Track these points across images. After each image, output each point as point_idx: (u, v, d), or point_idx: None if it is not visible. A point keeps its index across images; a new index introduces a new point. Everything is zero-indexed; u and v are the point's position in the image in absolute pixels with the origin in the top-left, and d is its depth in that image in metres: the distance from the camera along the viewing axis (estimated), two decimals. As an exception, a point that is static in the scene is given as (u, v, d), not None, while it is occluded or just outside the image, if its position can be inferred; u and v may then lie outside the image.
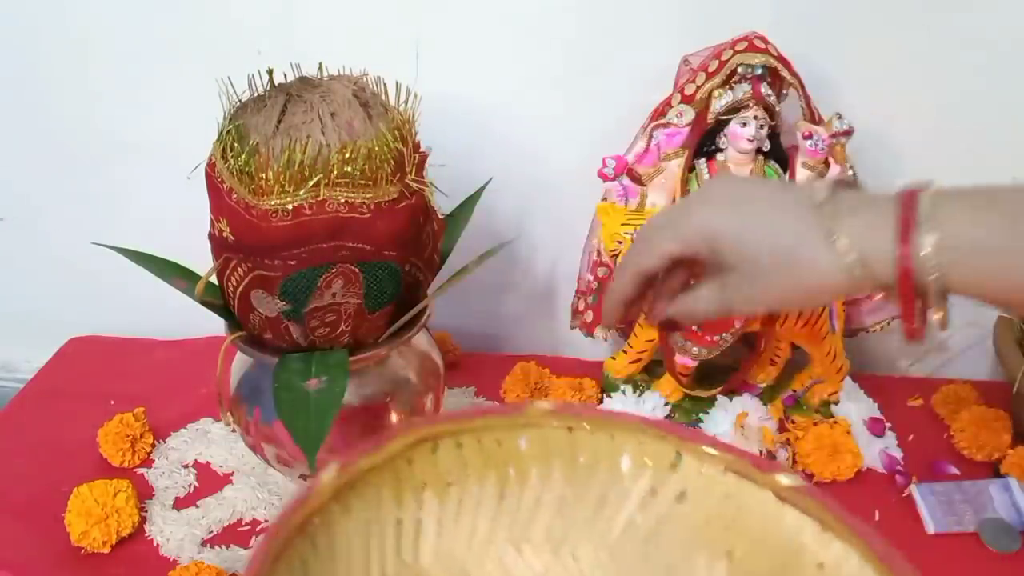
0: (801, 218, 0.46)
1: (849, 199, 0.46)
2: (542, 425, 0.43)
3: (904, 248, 0.43)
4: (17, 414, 0.82)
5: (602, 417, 0.44)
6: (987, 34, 0.73)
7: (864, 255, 0.44)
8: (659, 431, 0.42)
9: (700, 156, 0.69)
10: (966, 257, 0.43)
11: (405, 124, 0.58)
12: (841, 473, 0.70)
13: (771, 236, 0.47)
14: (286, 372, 0.59)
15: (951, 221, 0.43)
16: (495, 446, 0.43)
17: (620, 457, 0.43)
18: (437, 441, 0.42)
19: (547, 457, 0.44)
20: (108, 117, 0.85)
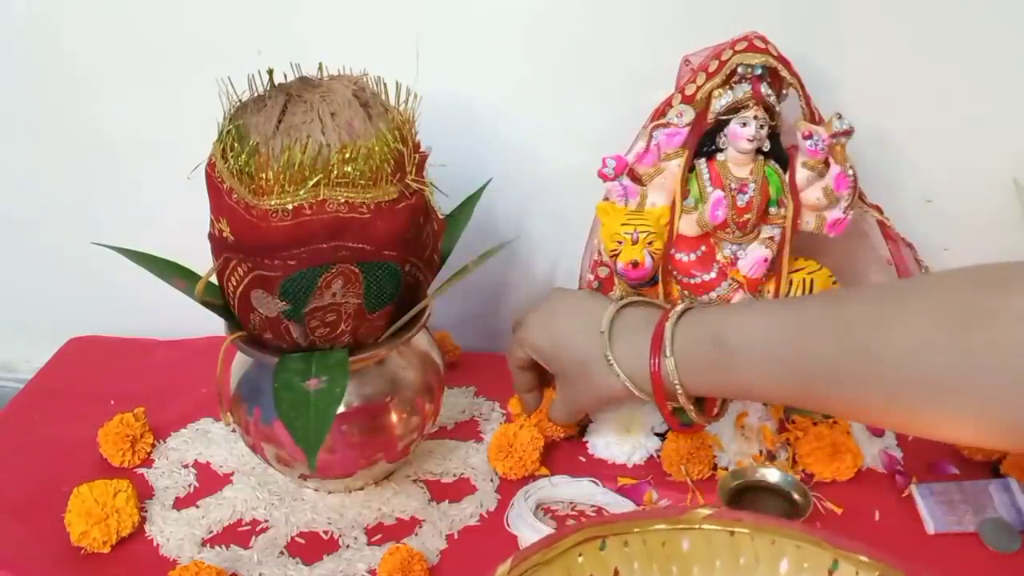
0: (590, 342, 0.62)
1: (624, 324, 0.62)
2: (704, 528, 0.47)
3: (654, 369, 0.59)
4: (17, 414, 0.82)
5: (762, 523, 0.47)
6: (987, 34, 0.73)
7: (630, 375, 0.60)
8: (817, 538, 0.45)
9: (700, 156, 0.69)
10: (693, 373, 0.58)
11: (405, 124, 0.58)
12: (841, 473, 0.70)
13: (570, 354, 0.64)
14: (286, 372, 0.59)
15: (680, 346, 0.58)
16: (659, 547, 0.47)
17: (779, 561, 0.46)
18: (605, 539, 0.46)
19: (709, 558, 0.47)
20: (107, 117, 0.85)
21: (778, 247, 0.70)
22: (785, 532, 0.46)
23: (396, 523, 0.69)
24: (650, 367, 0.59)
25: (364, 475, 0.69)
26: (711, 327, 0.58)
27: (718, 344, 0.56)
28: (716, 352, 0.57)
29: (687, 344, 0.58)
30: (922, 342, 0.48)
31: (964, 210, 0.78)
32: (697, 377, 0.58)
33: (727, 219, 0.69)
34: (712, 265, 0.71)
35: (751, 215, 0.69)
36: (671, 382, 0.58)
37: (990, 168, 0.77)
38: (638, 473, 0.73)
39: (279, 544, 0.67)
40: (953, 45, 0.73)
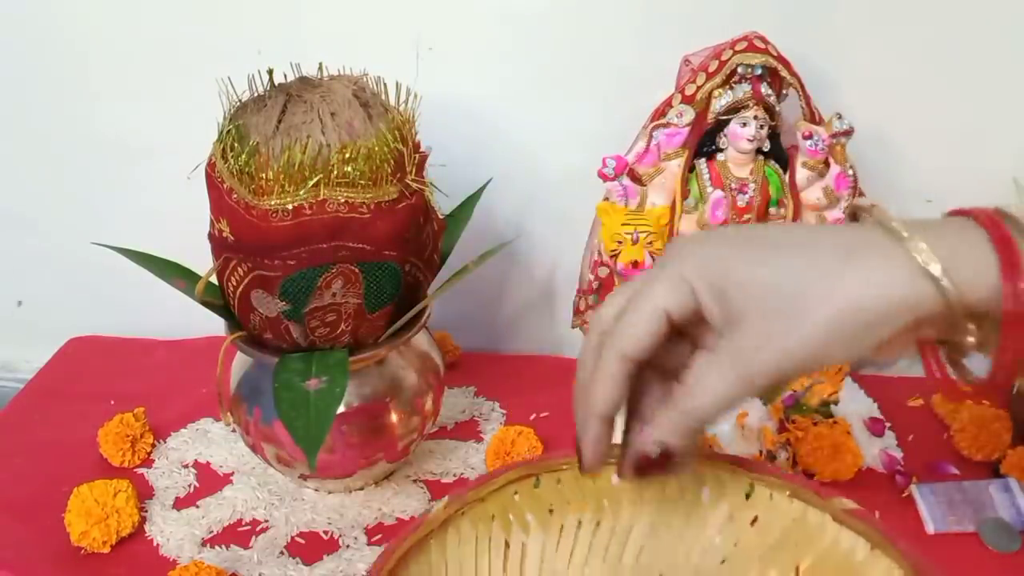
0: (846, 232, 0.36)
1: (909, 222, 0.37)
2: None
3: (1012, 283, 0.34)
4: (17, 414, 0.82)
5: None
6: (988, 34, 0.73)
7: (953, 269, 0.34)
8: (734, 466, 0.48)
9: (700, 156, 0.69)
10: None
11: (405, 124, 0.58)
12: (841, 473, 0.70)
13: (799, 254, 0.36)
14: (286, 372, 0.59)
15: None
16: (590, 482, 0.48)
17: (701, 489, 0.49)
18: (539, 476, 0.48)
19: (639, 491, 0.49)
20: (108, 117, 0.85)
21: (778, 247, 0.70)
22: (706, 462, 0.48)
23: (396, 523, 0.69)
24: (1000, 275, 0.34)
25: (364, 475, 0.69)
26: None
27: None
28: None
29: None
30: None
31: (964, 210, 0.78)
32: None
33: (727, 219, 0.69)
34: (712, 265, 0.71)
35: (751, 215, 0.69)
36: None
37: (990, 168, 0.77)
38: (638, 473, 0.73)
39: (279, 544, 0.67)
40: (953, 45, 0.73)
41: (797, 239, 0.37)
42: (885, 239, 0.36)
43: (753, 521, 0.47)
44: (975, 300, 0.34)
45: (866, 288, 0.34)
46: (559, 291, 0.88)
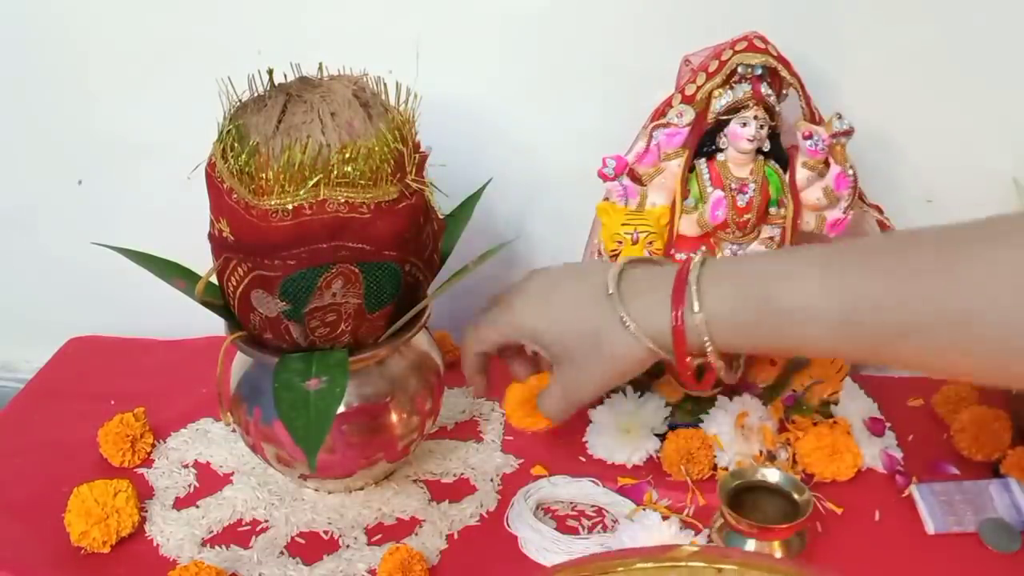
0: (598, 308, 0.56)
1: (634, 284, 0.56)
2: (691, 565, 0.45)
3: (676, 324, 0.53)
4: (17, 414, 0.82)
5: (751, 560, 0.46)
6: (987, 34, 0.73)
7: (652, 334, 0.54)
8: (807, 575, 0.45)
9: (700, 156, 0.69)
10: (728, 331, 0.53)
11: (405, 124, 0.58)
12: (841, 473, 0.70)
13: (578, 327, 0.57)
14: (286, 372, 0.59)
15: (712, 304, 0.52)
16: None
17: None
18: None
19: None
20: (108, 117, 0.85)
21: (778, 247, 0.70)
22: (775, 569, 0.45)
23: (396, 523, 0.69)
24: (672, 322, 0.53)
25: (364, 475, 0.69)
26: (753, 286, 0.52)
27: (765, 304, 0.51)
28: (762, 313, 0.51)
29: (722, 301, 0.53)
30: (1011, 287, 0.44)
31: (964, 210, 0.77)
32: (733, 334, 0.53)
33: (727, 219, 0.69)
34: (712, 265, 0.71)
35: (751, 215, 0.69)
36: (699, 338, 0.53)
37: (990, 168, 0.77)
38: (638, 473, 0.73)
39: (279, 544, 0.67)
40: (953, 45, 0.73)
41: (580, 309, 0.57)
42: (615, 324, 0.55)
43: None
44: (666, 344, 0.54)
45: (615, 359, 0.56)
46: (559, 291, 0.88)
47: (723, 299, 0.53)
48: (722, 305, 0.53)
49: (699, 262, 0.54)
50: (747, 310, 0.52)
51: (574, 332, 0.57)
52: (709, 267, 0.54)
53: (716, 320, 0.53)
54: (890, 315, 0.47)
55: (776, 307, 0.51)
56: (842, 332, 0.50)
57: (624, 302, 0.55)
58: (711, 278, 0.53)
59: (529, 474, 0.73)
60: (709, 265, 0.54)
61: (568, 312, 0.58)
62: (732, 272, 0.54)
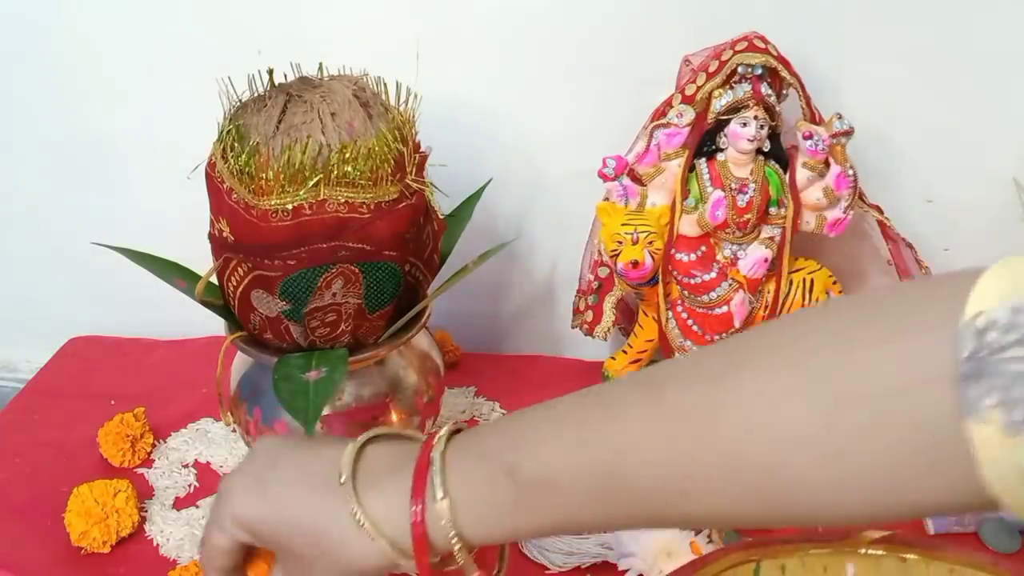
0: (327, 499, 0.43)
1: (375, 468, 0.44)
2: (871, 553, 0.43)
3: (416, 519, 0.42)
4: (17, 414, 0.82)
5: (936, 550, 0.43)
6: (988, 34, 0.73)
7: (393, 536, 0.42)
8: (1000, 569, 0.43)
9: (700, 156, 0.69)
10: (477, 519, 0.42)
11: (405, 124, 0.58)
12: None
13: (301, 521, 0.44)
14: (286, 367, 0.59)
15: (458, 486, 0.42)
16: (820, 571, 0.43)
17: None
18: (759, 562, 0.43)
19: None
20: (108, 117, 0.85)
21: (778, 247, 0.70)
22: (964, 560, 0.43)
23: (396, 523, 0.69)
24: (411, 516, 0.42)
25: (364, 475, 0.69)
26: (499, 457, 0.41)
27: (513, 479, 0.41)
28: (512, 491, 0.41)
29: (467, 484, 0.42)
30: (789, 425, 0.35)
31: (964, 210, 0.78)
32: (484, 524, 0.42)
33: (727, 219, 0.69)
34: (712, 265, 0.71)
35: (751, 215, 0.69)
36: (443, 533, 0.42)
37: (990, 168, 0.77)
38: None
39: (279, 544, 0.67)
40: (953, 45, 0.73)
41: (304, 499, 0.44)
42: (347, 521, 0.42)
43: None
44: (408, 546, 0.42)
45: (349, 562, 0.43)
46: (559, 291, 0.88)
47: (467, 481, 0.42)
48: (466, 489, 0.42)
49: (446, 434, 0.44)
50: (494, 492, 0.41)
51: (299, 529, 0.44)
52: (459, 441, 0.43)
53: (464, 507, 0.42)
54: (663, 468, 0.38)
55: (526, 482, 0.41)
56: (603, 502, 0.40)
57: (359, 492, 0.43)
58: (459, 456, 0.43)
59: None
60: (460, 438, 0.44)
61: (291, 502, 0.45)
62: (479, 445, 0.43)
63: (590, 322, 0.78)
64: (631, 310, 0.81)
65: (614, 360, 0.79)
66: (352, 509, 0.42)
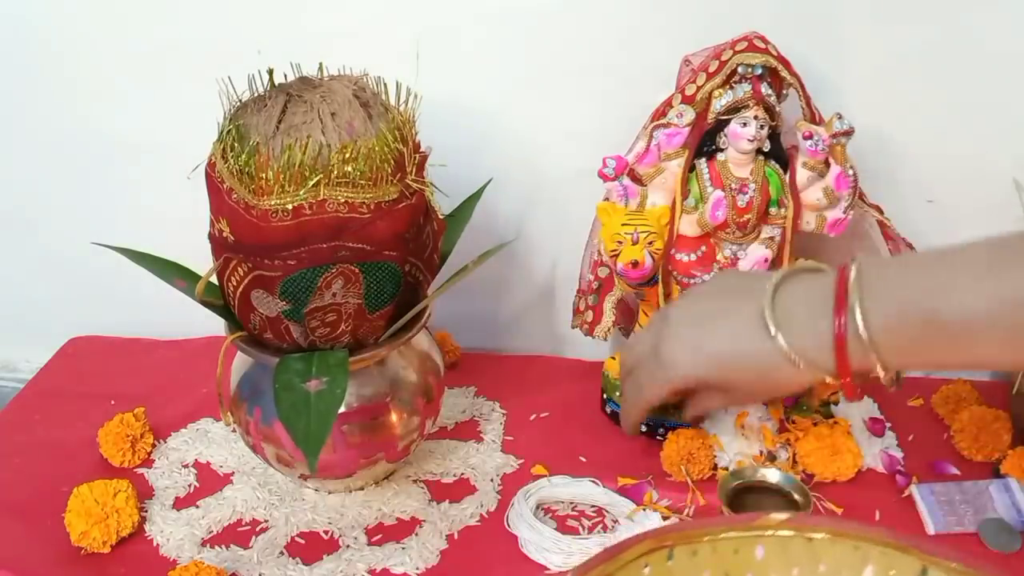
0: (762, 349, 0.52)
1: (791, 312, 0.51)
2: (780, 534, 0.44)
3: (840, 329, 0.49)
4: (17, 414, 0.82)
5: (843, 527, 0.44)
6: (987, 34, 0.73)
7: (816, 365, 0.50)
8: (903, 543, 0.43)
9: (700, 156, 0.69)
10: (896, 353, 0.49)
11: (405, 124, 0.58)
12: (841, 473, 0.70)
13: (742, 369, 0.54)
14: (286, 372, 0.59)
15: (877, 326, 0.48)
16: (731, 554, 0.44)
17: (863, 568, 0.44)
18: (672, 548, 0.44)
19: (786, 566, 0.45)
20: (108, 117, 0.85)
21: (778, 247, 0.70)
22: (868, 537, 0.44)
23: (396, 523, 0.69)
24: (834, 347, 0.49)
25: (364, 475, 0.69)
26: (917, 304, 0.47)
27: (931, 323, 0.47)
28: (927, 331, 0.47)
29: (886, 322, 0.48)
30: None
31: (964, 210, 0.78)
32: (902, 356, 0.49)
33: (727, 219, 0.69)
34: (712, 265, 0.71)
35: (751, 215, 0.69)
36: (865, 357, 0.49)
37: (990, 168, 0.77)
38: (638, 473, 0.73)
39: (279, 544, 0.67)
40: (954, 45, 0.73)
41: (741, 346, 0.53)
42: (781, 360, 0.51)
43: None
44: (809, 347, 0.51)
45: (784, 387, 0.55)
46: (559, 291, 0.88)
47: (886, 319, 0.48)
48: (885, 327, 0.48)
49: (856, 273, 0.49)
50: (906, 327, 0.48)
51: (736, 374, 0.54)
52: (869, 275, 0.49)
53: (884, 344, 0.48)
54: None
55: (948, 324, 0.46)
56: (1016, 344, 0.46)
57: (785, 334, 0.51)
58: (873, 292, 0.49)
59: (529, 474, 0.73)
60: (869, 273, 0.49)
61: (728, 358, 0.54)
62: (891, 286, 0.49)
63: (590, 322, 0.78)
64: (631, 310, 0.80)
65: (614, 360, 0.79)
66: (789, 356, 0.50)
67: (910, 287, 0.48)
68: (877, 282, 0.49)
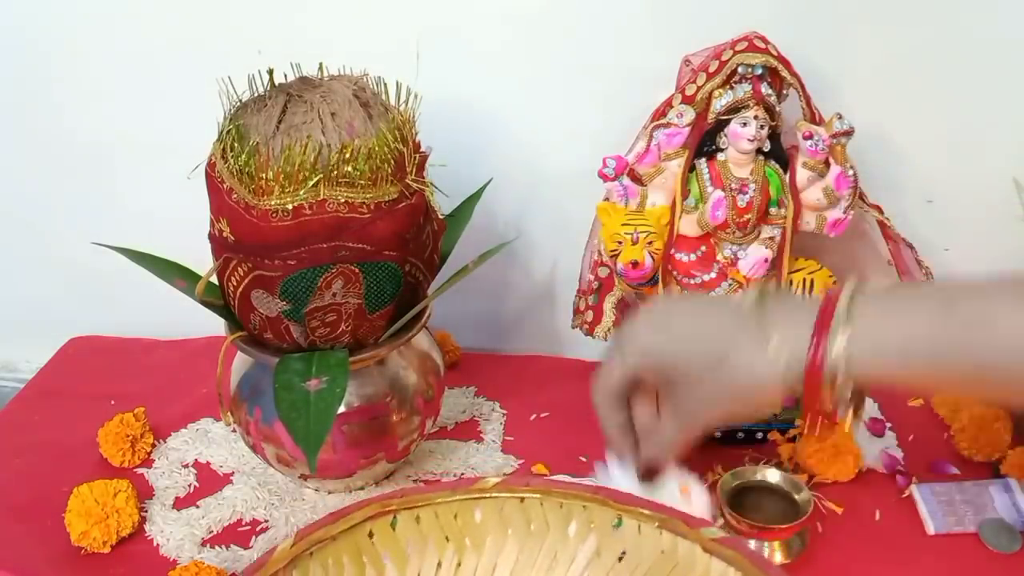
0: (731, 325, 0.49)
1: (776, 306, 0.49)
2: (495, 497, 0.48)
3: (817, 348, 0.46)
4: (17, 414, 0.82)
5: (549, 487, 0.48)
6: (987, 34, 0.73)
7: (793, 356, 0.47)
8: (601, 497, 0.47)
9: (700, 156, 0.69)
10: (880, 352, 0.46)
11: (405, 124, 0.58)
12: (843, 474, 0.70)
13: (703, 343, 0.50)
14: (286, 372, 0.59)
15: (865, 319, 0.46)
16: (451, 519, 0.47)
17: (568, 523, 0.48)
18: (395, 515, 0.46)
19: (502, 526, 0.48)
20: (108, 117, 0.85)
21: (778, 247, 0.70)
22: (572, 494, 0.47)
23: (396, 523, 0.69)
24: (809, 355, 0.47)
25: (364, 475, 0.69)
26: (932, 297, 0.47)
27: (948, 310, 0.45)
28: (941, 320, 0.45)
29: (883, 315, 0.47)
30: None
31: (964, 210, 0.78)
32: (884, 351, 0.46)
33: (727, 219, 0.69)
34: (712, 265, 0.71)
35: (751, 215, 0.69)
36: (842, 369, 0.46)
37: (990, 168, 0.77)
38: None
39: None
40: (954, 45, 0.73)
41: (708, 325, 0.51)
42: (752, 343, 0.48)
43: (622, 555, 0.47)
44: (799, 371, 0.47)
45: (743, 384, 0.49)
46: (559, 291, 0.88)
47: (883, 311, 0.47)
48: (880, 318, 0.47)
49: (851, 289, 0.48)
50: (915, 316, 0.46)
51: (699, 348, 0.50)
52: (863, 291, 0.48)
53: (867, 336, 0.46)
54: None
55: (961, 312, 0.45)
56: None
57: (765, 321, 0.48)
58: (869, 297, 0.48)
59: (529, 474, 0.73)
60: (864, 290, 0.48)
61: (695, 328, 0.51)
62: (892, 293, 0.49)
63: (590, 322, 0.78)
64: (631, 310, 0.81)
65: (614, 360, 0.79)
66: (758, 332, 0.48)
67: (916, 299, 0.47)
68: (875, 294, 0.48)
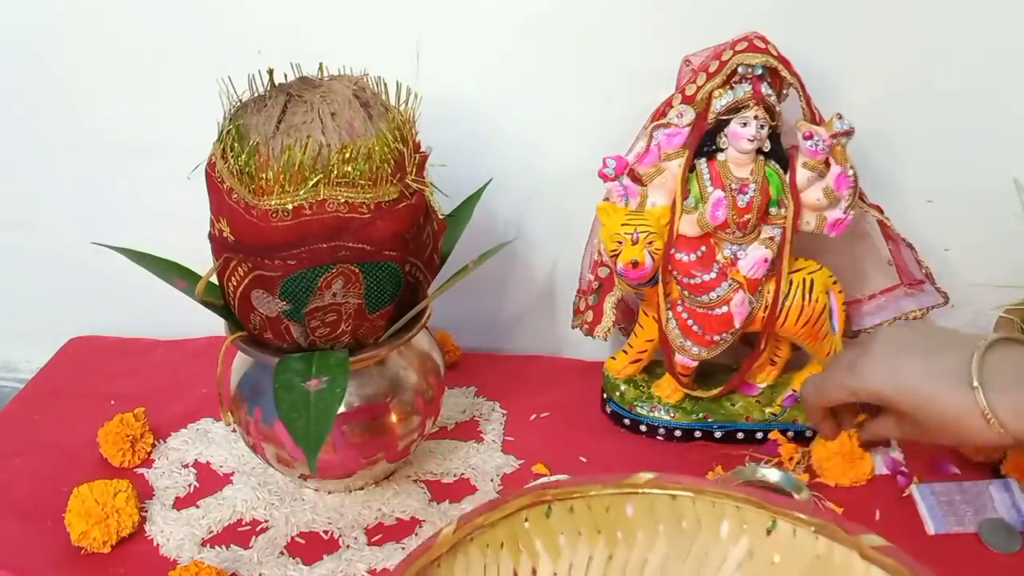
0: (957, 394, 0.54)
1: (997, 372, 0.53)
2: (647, 493, 0.48)
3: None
4: (17, 414, 0.82)
5: (703, 486, 0.48)
6: (988, 34, 0.73)
7: (1015, 431, 0.52)
8: (757, 499, 0.46)
9: (700, 156, 0.69)
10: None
11: (405, 124, 0.58)
12: (859, 479, 0.70)
13: (932, 405, 0.55)
14: (286, 372, 0.59)
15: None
16: (603, 512, 0.47)
17: (720, 522, 0.47)
18: (551, 505, 0.47)
19: (653, 522, 0.48)
20: (107, 117, 0.85)
21: (778, 247, 0.70)
22: (726, 494, 0.47)
23: (396, 523, 0.69)
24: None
25: (364, 475, 0.69)
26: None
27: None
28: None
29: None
30: None
31: (964, 210, 0.78)
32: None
33: (727, 219, 0.69)
34: (712, 265, 0.71)
35: (751, 215, 0.69)
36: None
37: (990, 168, 0.77)
38: (638, 473, 0.72)
39: (279, 544, 0.67)
40: (954, 45, 0.73)
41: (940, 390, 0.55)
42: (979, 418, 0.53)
43: (774, 558, 0.46)
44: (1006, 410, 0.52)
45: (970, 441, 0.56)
46: (559, 291, 0.88)
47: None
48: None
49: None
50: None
51: (925, 409, 0.56)
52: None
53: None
54: None
55: None
56: None
57: (987, 394, 0.53)
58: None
59: (529, 474, 0.73)
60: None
61: (921, 386, 0.56)
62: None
63: (590, 322, 0.78)
64: (631, 310, 0.81)
65: (614, 360, 0.79)
66: (984, 411, 0.52)
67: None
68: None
